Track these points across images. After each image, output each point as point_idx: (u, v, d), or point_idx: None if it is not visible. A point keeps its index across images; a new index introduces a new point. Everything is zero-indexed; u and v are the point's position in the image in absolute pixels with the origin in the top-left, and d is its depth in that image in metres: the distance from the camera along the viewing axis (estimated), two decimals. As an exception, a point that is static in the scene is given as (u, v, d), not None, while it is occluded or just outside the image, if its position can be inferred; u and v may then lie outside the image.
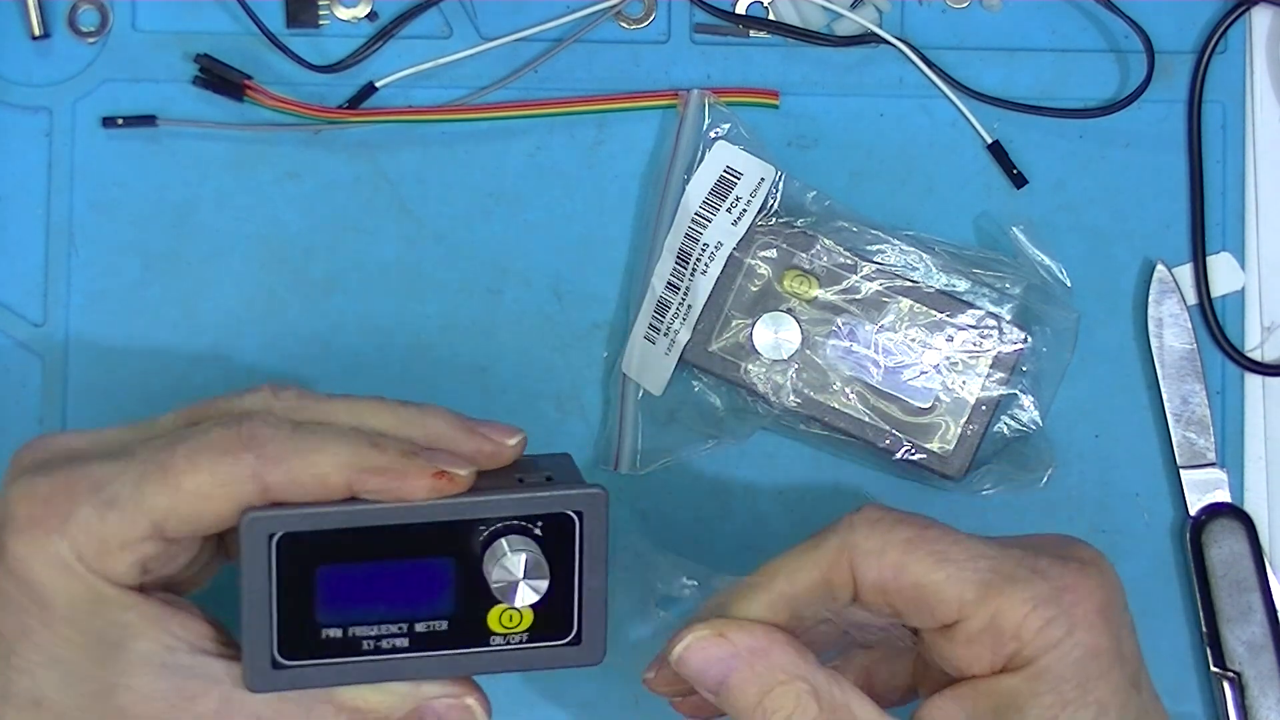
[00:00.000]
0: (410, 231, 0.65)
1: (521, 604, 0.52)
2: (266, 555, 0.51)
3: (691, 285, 0.63)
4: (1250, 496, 0.66)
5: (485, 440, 0.53)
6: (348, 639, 0.52)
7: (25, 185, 0.65)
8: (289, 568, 0.51)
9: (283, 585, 0.51)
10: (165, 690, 0.51)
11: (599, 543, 0.53)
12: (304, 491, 0.51)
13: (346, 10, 0.66)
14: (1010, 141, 0.66)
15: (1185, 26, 0.66)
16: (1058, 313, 0.63)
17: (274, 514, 0.51)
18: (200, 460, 0.50)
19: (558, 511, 0.52)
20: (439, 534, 0.52)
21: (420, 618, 0.52)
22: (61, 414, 0.65)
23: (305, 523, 0.51)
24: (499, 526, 0.52)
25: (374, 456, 0.51)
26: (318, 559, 0.51)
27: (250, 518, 0.51)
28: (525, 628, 0.53)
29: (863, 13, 0.66)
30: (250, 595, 0.51)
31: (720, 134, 0.64)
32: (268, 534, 0.51)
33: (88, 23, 0.65)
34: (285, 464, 0.50)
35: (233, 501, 0.51)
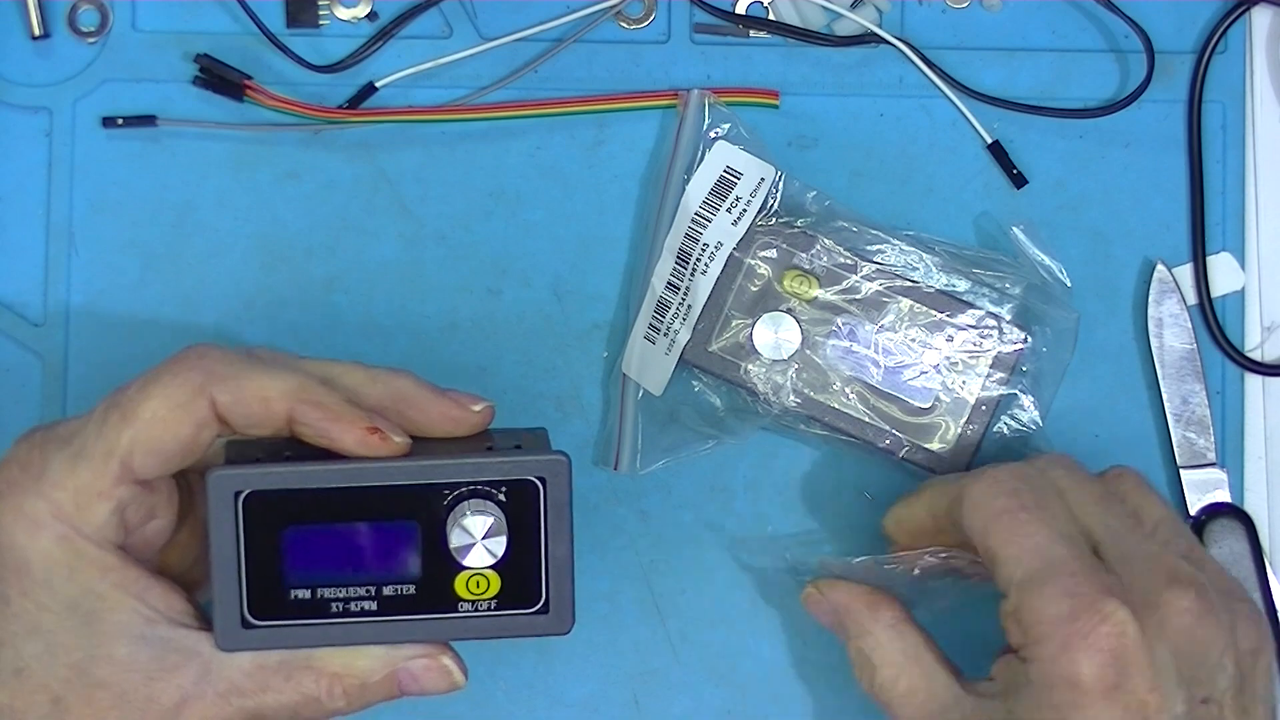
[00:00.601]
0: (410, 231, 0.65)
1: (476, 565, 0.53)
2: (233, 514, 0.52)
3: (691, 285, 0.63)
4: (1250, 496, 0.66)
5: (452, 404, 0.54)
6: (316, 600, 0.53)
7: (25, 185, 0.65)
8: (256, 527, 0.52)
9: (250, 544, 0.52)
10: (145, 661, 0.52)
11: (563, 510, 0.53)
12: (249, 413, 0.52)
13: (346, 10, 0.66)
14: (1010, 141, 0.66)
15: (1185, 26, 0.66)
16: (1058, 313, 0.63)
17: (240, 471, 0.52)
18: (152, 388, 0.51)
19: (521, 478, 0.53)
20: (404, 497, 0.52)
21: (388, 581, 0.53)
22: (61, 414, 0.65)
23: (271, 480, 0.52)
24: (462, 491, 0.52)
25: (319, 392, 0.52)
26: (284, 519, 0.52)
27: (216, 474, 0.51)
28: (493, 595, 0.53)
29: (863, 13, 0.66)
30: (218, 554, 0.52)
31: (720, 134, 0.64)
32: (234, 491, 0.52)
33: (88, 23, 0.65)
34: (233, 383, 0.52)
35: (188, 422, 0.51)
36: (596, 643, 0.65)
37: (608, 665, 0.65)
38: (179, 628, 0.52)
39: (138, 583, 0.52)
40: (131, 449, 0.51)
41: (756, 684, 0.65)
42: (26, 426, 0.63)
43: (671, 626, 0.65)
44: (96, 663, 0.51)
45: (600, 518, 0.65)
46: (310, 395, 0.52)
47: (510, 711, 0.65)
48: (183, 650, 0.52)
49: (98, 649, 0.51)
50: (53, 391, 0.65)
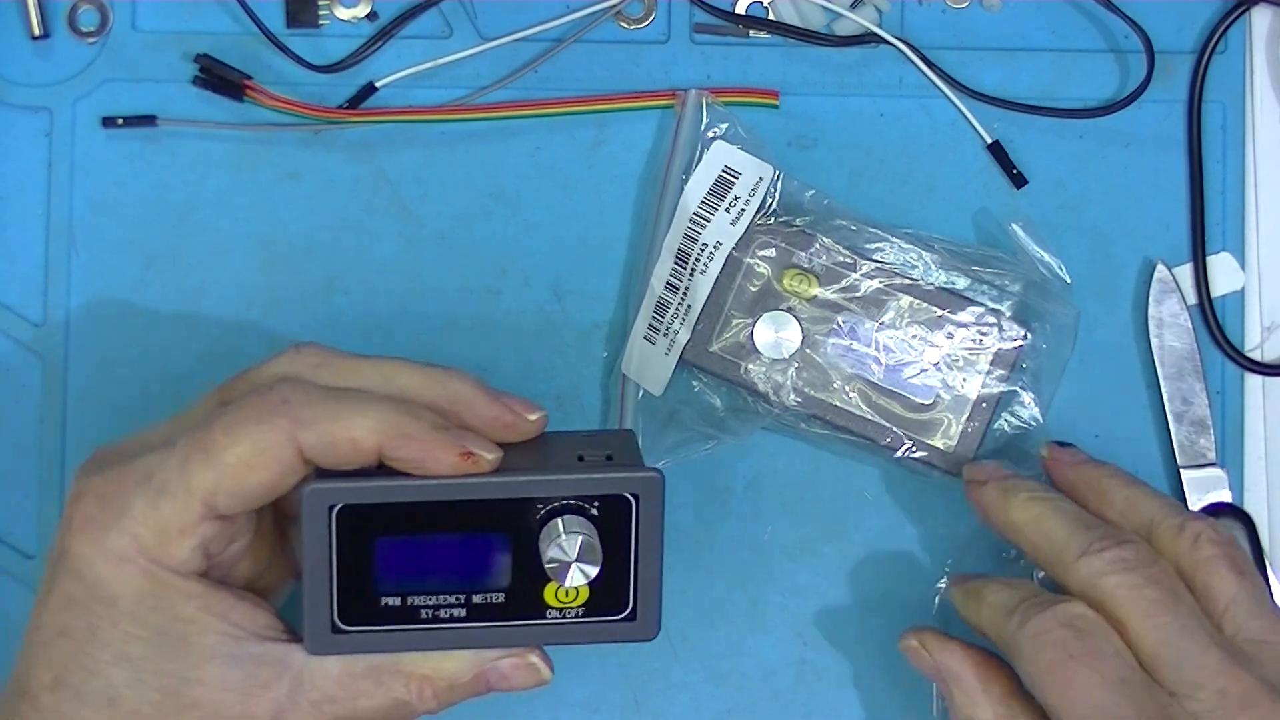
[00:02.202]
0: (410, 231, 0.65)
1: (573, 584, 0.53)
2: (327, 526, 0.52)
3: (691, 285, 0.63)
4: (1250, 496, 0.66)
5: (506, 410, 0.54)
6: (406, 607, 0.53)
7: (25, 185, 0.65)
8: (348, 538, 0.52)
9: (342, 554, 0.52)
10: (237, 679, 0.52)
11: (654, 524, 0.53)
12: (338, 454, 0.51)
13: (346, 10, 0.66)
14: (1010, 141, 0.66)
15: (1185, 26, 0.67)
16: (1058, 309, 0.63)
17: (334, 486, 0.52)
18: (237, 432, 0.51)
19: (614, 493, 0.53)
20: (496, 510, 0.53)
21: (477, 590, 0.53)
22: (61, 414, 0.65)
23: (365, 495, 0.52)
24: (556, 505, 0.53)
25: (407, 424, 0.52)
26: (376, 531, 0.52)
27: (311, 489, 0.52)
28: (581, 603, 0.54)
29: (863, 13, 0.66)
30: (311, 563, 0.52)
31: (718, 134, 0.64)
32: (328, 505, 0.52)
33: (88, 23, 0.65)
34: (319, 426, 0.51)
35: (274, 467, 0.51)
36: (596, 643, 0.65)
37: (608, 665, 0.65)
38: (266, 642, 0.53)
39: (222, 603, 0.52)
40: (215, 490, 0.51)
41: (756, 684, 0.65)
42: (26, 426, 0.64)
43: (671, 626, 0.65)
44: (188, 685, 0.52)
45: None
46: (398, 428, 0.51)
47: (510, 711, 0.65)
48: (273, 664, 0.52)
49: (188, 672, 0.52)
50: (53, 391, 0.65)
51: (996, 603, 0.57)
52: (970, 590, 0.58)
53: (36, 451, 0.65)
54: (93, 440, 0.64)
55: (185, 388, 0.65)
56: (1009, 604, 0.56)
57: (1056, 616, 0.54)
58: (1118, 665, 0.53)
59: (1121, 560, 0.55)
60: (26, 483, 0.65)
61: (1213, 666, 0.53)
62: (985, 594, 0.57)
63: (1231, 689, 0.52)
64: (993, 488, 0.59)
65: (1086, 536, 0.56)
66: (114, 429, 0.64)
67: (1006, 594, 0.56)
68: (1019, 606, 0.55)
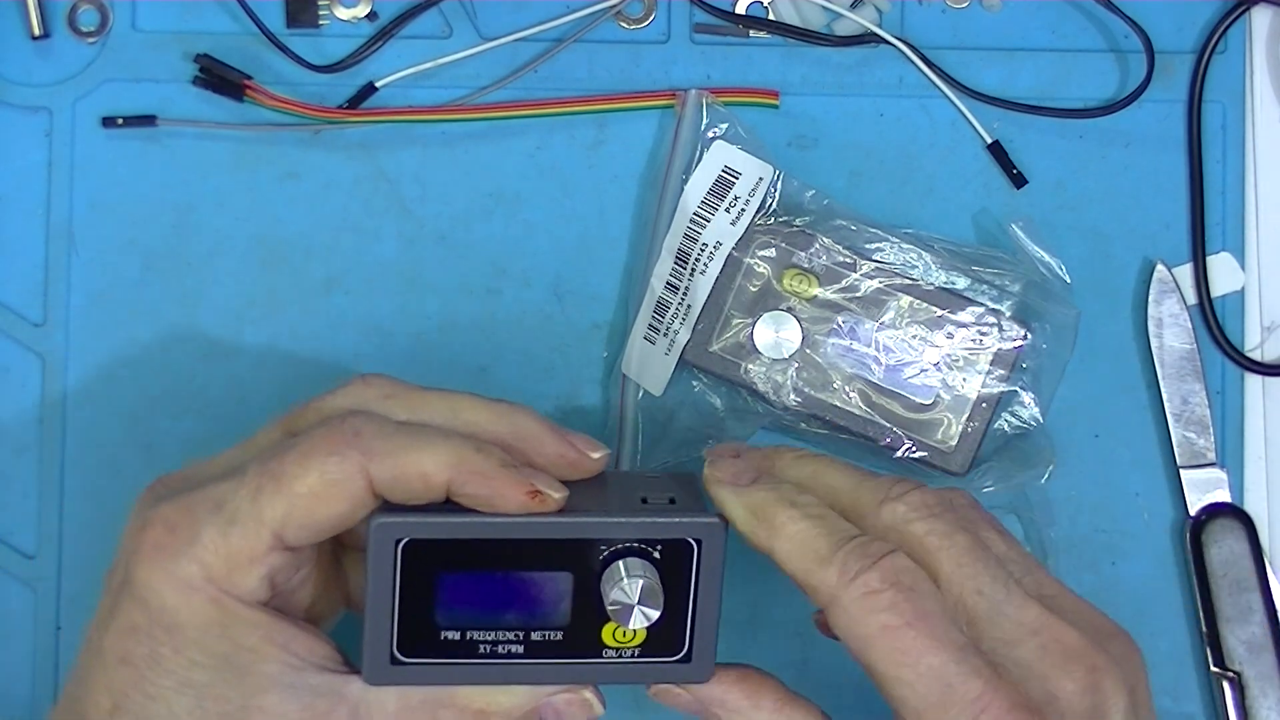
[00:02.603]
0: (410, 231, 0.65)
1: (635, 627, 0.53)
2: (392, 559, 0.52)
3: (691, 285, 0.63)
4: (1250, 496, 0.66)
5: (571, 447, 0.55)
6: (465, 641, 0.53)
7: (25, 185, 0.65)
8: (412, 571, 0.52)
9: (405, 587, 0.52)
10: (296, 709, 0.52)
11: (715, 569, 0.54)
12: (408, 489, 0.52)
13: (346, 10, 0.66)
14: (1010, 141, 0.66)
15: (1185, 26, 0.67)
16: (1057, 309, 0.63)
17: (402, 520, 0.52)
18: (310, 462, 0.51)
19: (677, 538, 0.53)
20: (560, 550, 0.53)
21: (536, 627, 0.53)
22: (61, 414, 0.65)
23: (431, 530, 0.52)
24: (619, 548, 0.53)
25: (477, 461, 0.52)
26: (440, 565, 0.52)
27: (379, 522, 0.52)
28: (638, 643, 0.54)
29: (863, 13, 0.66)
30: (374, 594, 0.52)
31: (718, 134, 0.64)
32: (394, 539, 0.52)
33: (88, 23, 0.65)
34: (391, 459, 0.51)
35: (345, 500, 0.51)
36: (596, 643, 0.65)
37: (608, 665, 0.65)
38: (326, 673, 0.53)
39: (284, 633, 0.52)
40: (285, 521, 0.51)
41: (757, 684, 0.65)
42: (26, 426, 0.64)
43: (671, 626, 0.65)
44: (248, 713, 0.52)
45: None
46: (468, 465, 0.52)
47: (510, 711, 0.65)
48: (331, 695, 0.53)
49: (249, 700, 0.52)
50: (53, 391, 0.65)
51: (803, 542, 0.53)
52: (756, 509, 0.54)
53: (36, 451, 0.65)
54: (93, 440, 0.64)
55: (185, 387, 0.65)
56: (819, 549, 0.52)
57: (883, 574, 0.51)
58: (950, 630, 0.51)
59: (925, 505, 0.53)
60: (26, 483, 0.65)
61: (1030, 621, 0.52)
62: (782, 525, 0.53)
63: (1052, 643, 0.51)
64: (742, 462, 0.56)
65: (879, 482, 0.54)
66: (114, 429, 0.64)
67: (812, 532, 0.53)
68: (834, 555, 0.52)
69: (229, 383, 0.65)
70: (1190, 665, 0.65)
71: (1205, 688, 0.65)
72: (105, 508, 0.64)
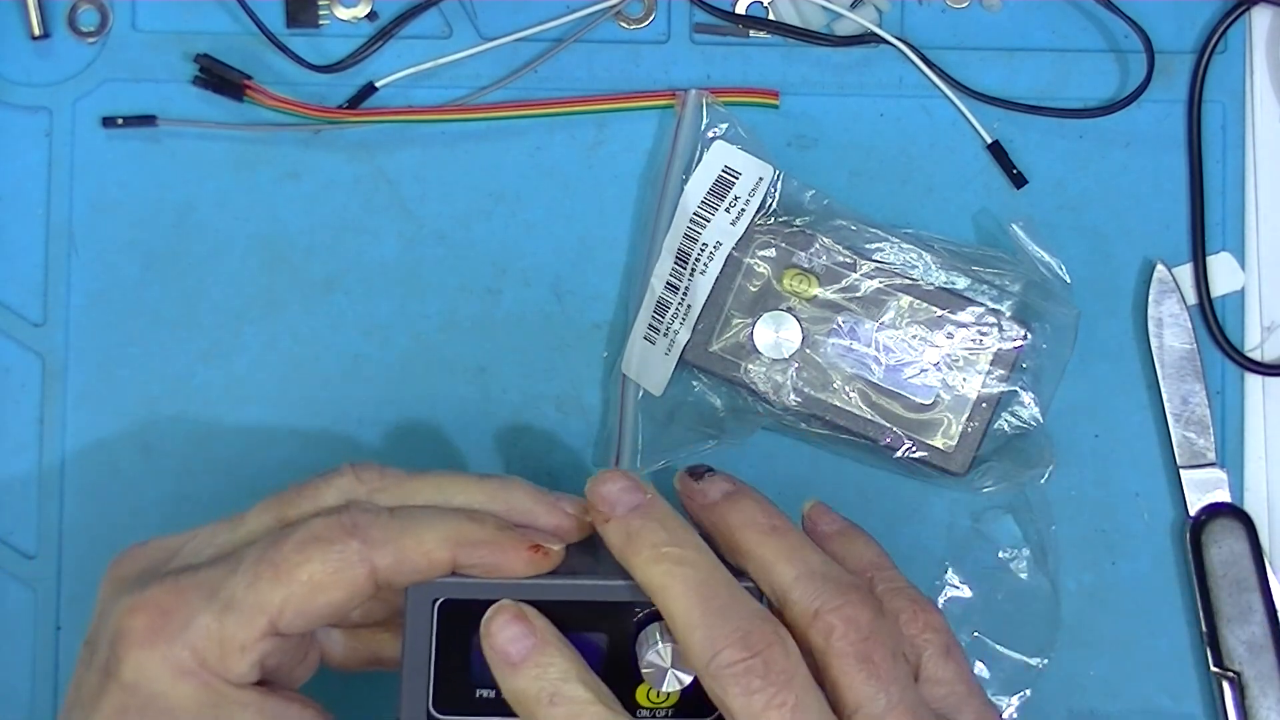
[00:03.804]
0: (410, 231, 0.65)
1: (668, 689, 0.53)
2: (429, 618, 0.53)
3: (691, 285, 0.63)
4: (1250, 496, 0.66)
5: (564, 515, 0.55)
6: (500, 700, 0.53)
7: (25, 185, 0.65)
8: (448, 630, 0.53)
9: (441, 645, 0.53)
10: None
11: None
12: (412, 569, 0.52)
13: (346, 10, 0.66)
14: (1010, 141, 0.66)
15: (1185, 26, 0.66)
16: (1057, 309, 0.63)
17: (440, 581, 0.53)
18: (310, 552, 0.52)
19: None
20: (594, 611, 0.53)
21: None
22: (61, 414, 0.65)
23: (466, 591, 0.53)
24: (653, 610, 0.52)
25: (474, 531, 0.52)
26: (476, 624, 0.52)
27: (415, 585, 0.53)
28: (671, 704, 0.54)
29: (863, 13, 0.66)
30: (411, 652, 0.53)
31: (718, 134, 0.64)
32: (431, 599, 0.53)
33: (88, 23, 0.65)
34: (391, 546, 0.52)
35: (345, 588, 0.52)
36: (596, 643, 0.65)
37: (608, 665, 0.65)
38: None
39: (276, 707, 0.53)
40: (283, 610, 0.52)
41: (756, 684, 0.65)
42: (26, 427, 0.64)
43: (671, 626, 0.65)
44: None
45: (600, 518, 0.65)
46: (467, 536, 0.52)
47: (510, 711, 0.65)
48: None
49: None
50: (53, 391, 0.65)
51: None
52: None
53: (36, 451, 0.65)
54: (93, 440, 0.64)
55: (185, 387, 0.65)
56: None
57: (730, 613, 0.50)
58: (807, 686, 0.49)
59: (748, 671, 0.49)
60: (26, 483, 0.65)
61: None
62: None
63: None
64: (615, 526, 0.53)
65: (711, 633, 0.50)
66: (114, 429, 0.64)
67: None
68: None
69: (229, 382, 0.65)
70: (1190, 665, 0.65)
71: (1205, 688, 0.65)
72: (105, 508, 0.65)
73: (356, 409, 0.65)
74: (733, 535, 0.53)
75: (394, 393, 0.65)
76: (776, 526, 0.53)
